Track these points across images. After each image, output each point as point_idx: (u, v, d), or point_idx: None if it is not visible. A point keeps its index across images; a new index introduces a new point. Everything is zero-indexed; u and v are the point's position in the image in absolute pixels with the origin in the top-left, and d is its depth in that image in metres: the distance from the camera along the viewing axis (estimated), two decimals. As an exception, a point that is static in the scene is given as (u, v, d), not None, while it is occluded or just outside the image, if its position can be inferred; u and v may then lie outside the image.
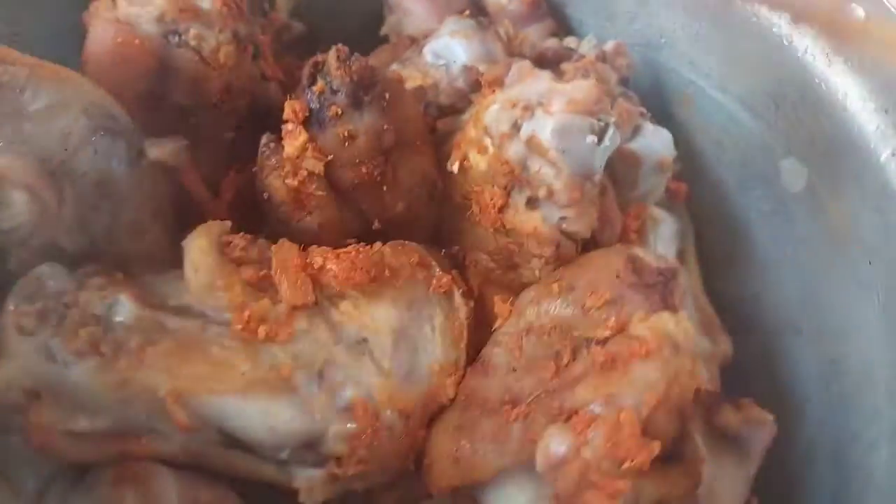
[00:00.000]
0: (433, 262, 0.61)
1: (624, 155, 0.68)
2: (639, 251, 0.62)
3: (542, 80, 0.62)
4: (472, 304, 0.62)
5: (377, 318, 0.57)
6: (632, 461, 0.50)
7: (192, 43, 0.61)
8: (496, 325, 0.61)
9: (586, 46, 0.77)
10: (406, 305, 0.58)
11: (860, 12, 0.63)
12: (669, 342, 0.55)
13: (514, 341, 0.59)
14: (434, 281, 0.60)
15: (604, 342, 0.55)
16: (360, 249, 0.59)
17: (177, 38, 0.61)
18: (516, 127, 0.60)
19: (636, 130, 0.70)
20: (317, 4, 0.80)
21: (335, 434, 0.52)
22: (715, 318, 0.70)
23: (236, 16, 0.64)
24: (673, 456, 0.54)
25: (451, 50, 0.69)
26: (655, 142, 0.70)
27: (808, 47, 0.65)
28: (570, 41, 0.78)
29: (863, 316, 0.63)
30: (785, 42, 0.66)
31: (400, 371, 0.56)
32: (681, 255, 0.70)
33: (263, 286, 0.56)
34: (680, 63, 0.75)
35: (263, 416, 0.51)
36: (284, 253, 0.57)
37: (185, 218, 0.60)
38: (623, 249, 0.63)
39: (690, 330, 0.57)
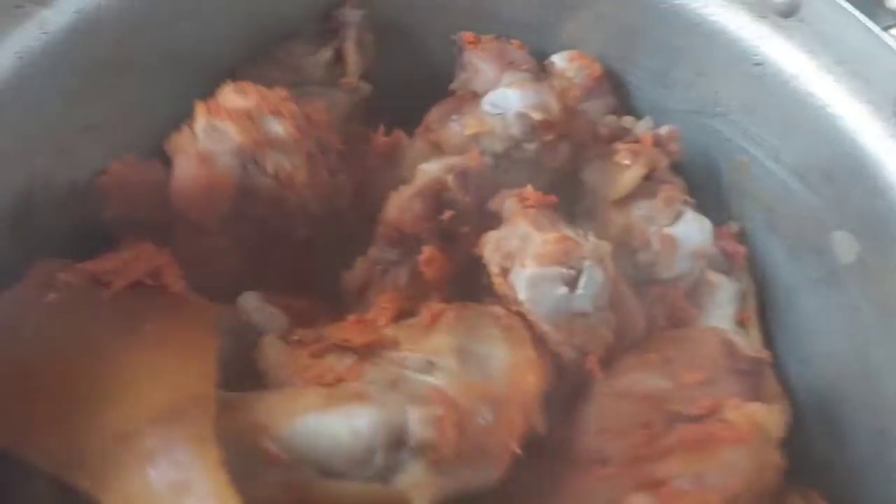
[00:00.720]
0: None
1: (663, 238, 0.72)
2: (730, 335, 0.65)
3: (521, 225, 0.64)
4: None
5: (437, 344, 0.60)
6: None
7: (270, 170, 0.66)
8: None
9: (642, 127, 0.81)
10: (462, 331, 0.62)
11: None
12: (761, 434, 0.58)
13: (607, 403, 0.62)
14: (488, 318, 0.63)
15: (696, 419, 0.58)
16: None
17: (255, 167, 0.66)
18: (504, 272, 0.64)
19: (677, 216, 0.74)
20: (387, 64, 0.82)
21: (417, 419, 0.54)
22: (776, 382, 0.72)
23: (309, 136, 0.68)
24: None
25: (506, 99, 0.72)
26: (694, 229, 0.74)
27: (863, 126, 0.67)
28: (626, 120, 0.82)
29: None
30: (839, 120, 0.69)
31: (470, 374, 0.58)
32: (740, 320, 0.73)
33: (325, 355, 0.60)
34: (734, 132, 0.78)
35: (344, 420, 0.53)
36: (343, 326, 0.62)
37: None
38: (716, 332, 0.68)
39: (780, 423, 0.59)
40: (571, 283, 0.62)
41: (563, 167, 0.76)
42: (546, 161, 0.74)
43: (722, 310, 0.73)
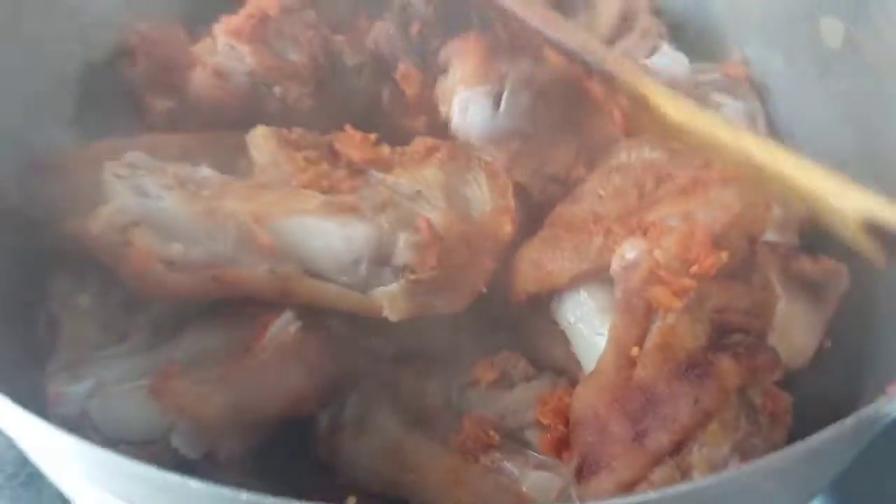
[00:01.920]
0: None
1: None
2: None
3: (453, 64, 0.68)
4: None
5: (427, 176, 0.63)
6: (700, 265, 0.54)
7: (278, 94, 0.70)
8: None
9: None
10: (452, 169, 0.64)
11: None
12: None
13: (603, 176, 0.65)
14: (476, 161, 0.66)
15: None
16: None
17: (265, 90, 0.71)
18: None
19: (653, 50, 0.77)
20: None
21: (405, 242, 0.57)
22: None
23: (322, 66, 0.72)
24: (741, 279, 0.57)
25: None
26: (670, 62, 0.76)
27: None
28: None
29: None
30: None
31: (455, 211, 0.61)
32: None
33: (320, 162, 0.63)
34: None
35: (339, 228, 0.57)
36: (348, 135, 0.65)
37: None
38: None
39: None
40: (495, 100, 0.65)
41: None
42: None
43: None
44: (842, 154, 0.72)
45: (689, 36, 0.80)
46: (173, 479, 0.37)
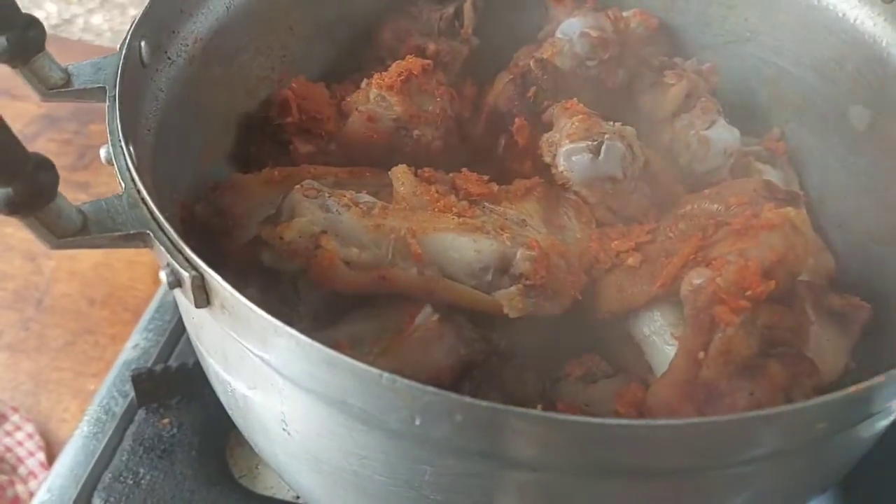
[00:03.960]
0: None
1: (699, 138, 0.92)
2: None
3: (562, 120, 0.85)
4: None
5: (528, 208, 0.81)
6: (753, 290, 0.69)
7: (415, 136, 0.88)
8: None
9: (688, 65, 1.00)
10: (547, 204, 0.82)
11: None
12: (790, 224, 0.73)
13: (672, 221, 0.81)
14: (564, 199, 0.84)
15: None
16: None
17: (405, 133, 0.88)
18: (553, 159, 0.84)
19: (711, 123, 0.93)
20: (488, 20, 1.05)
21: (521, 256, 0.73)
22: (819, 242, 0.90)
23: (451, 114, 0.90)
24: (785, 305, 0.72)
25: (571, 25, 0.94)
26: (725, 133, 0.92)
27: (856, 14, 0.86)
28: (677, 60, 1.02)
29: None
30: (839, 15, 0.88)
31: (554, 236, 0.78)
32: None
33: (448, 194, 0.80)
34: (762, 50, 0.97)
35: (472, 243, 0.73)
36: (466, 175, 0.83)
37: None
38: (760, 179, 0.85)
39: (807, 221, 0.76)
40: (595, 151, 0.81)
41: (620, 90, 0.96)
42: (606, 80, 0.95)
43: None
44: (863, 218, 0.90)
45: (737, 114, 0.97)
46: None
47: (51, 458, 1.20)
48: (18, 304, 1.39)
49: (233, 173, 0.86)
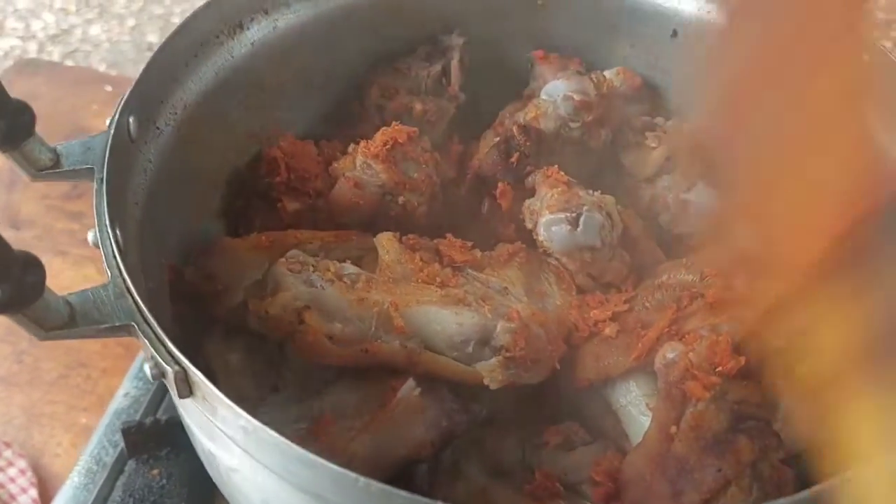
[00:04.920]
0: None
1: (678, 201, 0.94)
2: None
3: (542, 189, 0.87)
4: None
5: (510, 276, 0.83)
6: (723, 366, 0.71)
7: (400, 202, 0.89)
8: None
9: (670, 125, 1.02)
10: (529, 269, 0.85)
11: None
12: None
13: (648, 291, 0.83)
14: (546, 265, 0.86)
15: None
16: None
17: (390, 199, 0.90)
18: (534, 226, 0.86)
19: (691, 186, 0.94)
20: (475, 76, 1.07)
21: (502, 329, 0.75)
22: None
23: (436, 179, 0.92)
24: (755, 380, 0.74)
25: (556, 87, 0.96)
26: (704, 195, 0.94)
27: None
28: (659, 120, 1.04)
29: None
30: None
31: (535, 306, 0.80)
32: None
33: (432, 262, 0.82)
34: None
35: (454, 316, 0.75)
36: (450, 241, 0.85)
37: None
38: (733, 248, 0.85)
39: None
40: (574, 223, 0.83)
41: (604, 152, 0.99)
42: (589, 142, 0.97)
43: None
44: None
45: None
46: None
47: (42, 492, 1.21)
48: (11, 337, 1.41)
49: (222, 238, 0.88)
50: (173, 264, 0.82)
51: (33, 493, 1.23)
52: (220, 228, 0.93)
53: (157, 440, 0.99)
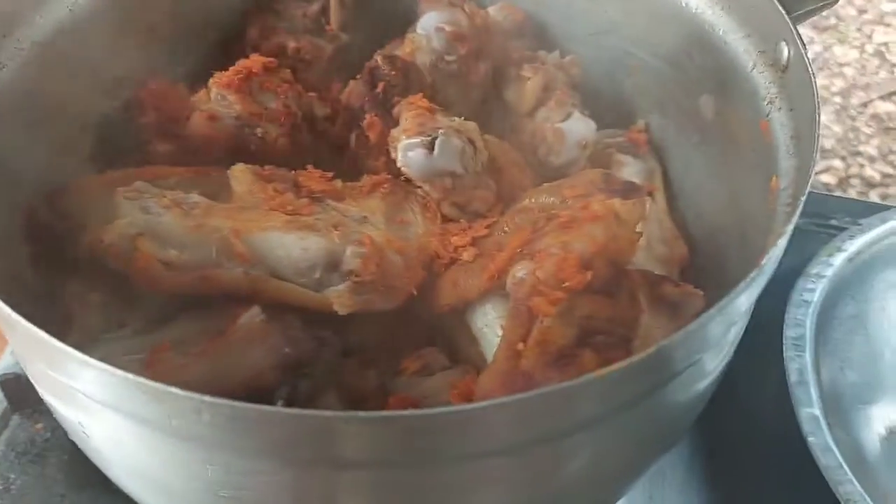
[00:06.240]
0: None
1: (553, 131, 0.92)
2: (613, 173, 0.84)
3: (404, 117, 0.85)
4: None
5: (372, 206, 0.81)
6: (570, 282, 0.70)
7: (259, 134, 0.87)
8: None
9: (550, 58, 1.01)
10: (393, 202, 0.82)
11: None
12: (614, 215, 0.74)
13: (509, 216, 0.81)
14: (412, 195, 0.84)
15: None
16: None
17: (248, 131, 0.87)
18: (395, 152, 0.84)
19: (567, 116, 0.94)
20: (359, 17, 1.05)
21: (351, 253, 0.73)
22: (674, 231, 0.91)
23: (296, 111, 0.89)
24: (607, 295, 0.72)
25: (428, 19, 0.94)
26: (580, 125, 0.94)
27: (701, 7, 0.87)
28: (541, 54, 1.02)
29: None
30: (691, 9, 0.88)
31: (394, 234, 0.79)
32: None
33: (286, 192, 0.80)
34: (624, 42, 0.98)
35: (298, 241, 0.73)
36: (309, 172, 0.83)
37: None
38: (600, 170, 0.85)
39: (634, 214, 0.76)
40: (430, 147, 0.81)
41: (486, 86, 0.97)
42: (469, 76, 0.95)
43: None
44: (717, 205, 0.90)
45: (601, 107, 0.97)
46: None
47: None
48: None
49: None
50: (29, 204, 0.80)
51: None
52: (92, 172, 0.90)
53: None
